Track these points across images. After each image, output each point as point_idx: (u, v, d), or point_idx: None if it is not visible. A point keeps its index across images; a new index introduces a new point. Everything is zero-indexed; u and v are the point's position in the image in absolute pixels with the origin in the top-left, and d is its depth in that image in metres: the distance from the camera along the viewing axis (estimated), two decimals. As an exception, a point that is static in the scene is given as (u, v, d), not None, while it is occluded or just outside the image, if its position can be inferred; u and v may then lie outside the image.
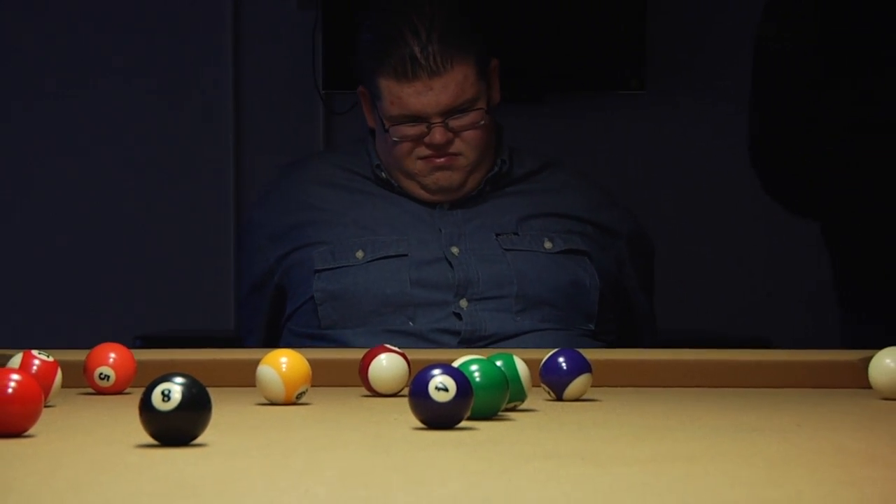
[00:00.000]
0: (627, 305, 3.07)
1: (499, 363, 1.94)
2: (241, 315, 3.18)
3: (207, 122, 4.97)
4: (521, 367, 1.98)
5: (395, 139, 2.96)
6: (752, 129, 3.25)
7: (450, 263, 2.95)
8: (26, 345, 2.20)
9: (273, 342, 3.04)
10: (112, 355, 2.22)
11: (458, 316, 2.92)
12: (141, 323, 4.80)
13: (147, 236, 4.95)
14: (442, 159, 2.96)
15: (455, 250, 2.96)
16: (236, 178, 4.98)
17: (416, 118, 2.94)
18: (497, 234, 2.99)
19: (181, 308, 4.97)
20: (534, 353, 2.20)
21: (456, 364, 1.84)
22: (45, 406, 1.84)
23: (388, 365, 2.18)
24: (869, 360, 2.38)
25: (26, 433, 1.72)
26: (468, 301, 2.93)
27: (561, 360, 2.13)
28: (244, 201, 4.96)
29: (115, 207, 4.94)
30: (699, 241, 4.93)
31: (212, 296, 4.99)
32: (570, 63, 4.87)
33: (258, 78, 4.98)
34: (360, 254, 2.96)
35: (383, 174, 3.02)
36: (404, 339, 2.80)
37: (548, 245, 2.98)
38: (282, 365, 2.06)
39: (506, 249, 2.97)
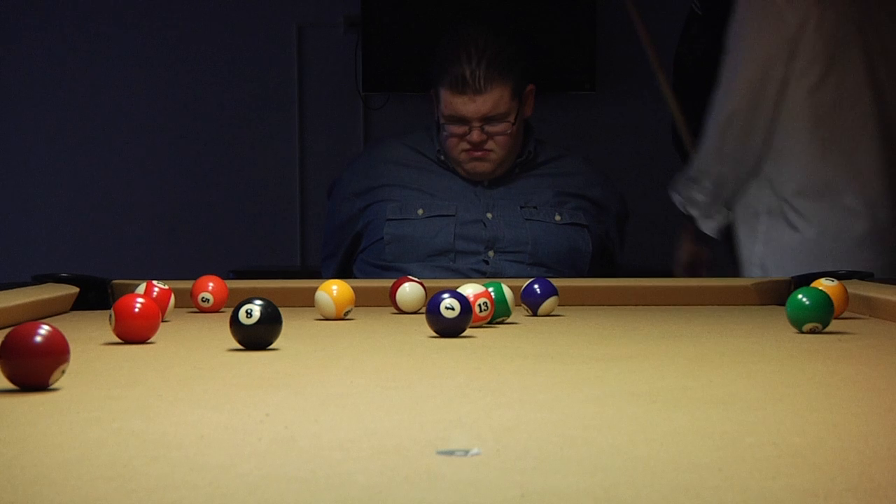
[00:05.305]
0: (608, 260, 3.07)
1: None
2: (325, 245, 3.16)
3: (281, 113, 4.96)
4: (507, 292, 1.98)
5: (445, 133, 2.98)
6: (673, 121, 3.30)
7: (484, 224, 2.96)
8: (149, 276, 2.20)
9: (346, 266, 3.06)
10: (211, 284, 2.22)
11: (486, 262, 2.93)
12: (233, 260, 4.81)
13: (239, 200, 4.96)
14: (478, 153, 2.97)
15: (489, 215, 2.97)
16: (301, 157, 4.98)
17: (461, 120, 2.95)
18: (521, 206, 2.99)
19: (261, 249, 4.98)
20: (516, 282, 2.19)
21: None
22: (162, 321, 1.84)
23: (410, 291, 2.18)
24: (759, 284, 2.37)
25: (149, 341, 1.72)
26: (495, 252, 2.94)
27: (536, 286, 2.13)
28: (307, 174, 4.96)
29: (215, 180, 4.94)
30: (639, 204, 4.91)
31: (283, 242, 5.00)
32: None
33: (316, 82, 4.97)
34: (420, 211, 2.97)
35: (442, 157, 3.03)
36: (447, 274, 2.84)
37: (557, 218, 2.98)
38: (333, 291, 2.05)
39: (526, 219, 2.97)
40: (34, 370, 1.27)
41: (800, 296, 1.81)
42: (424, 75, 3.17)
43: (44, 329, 1.28)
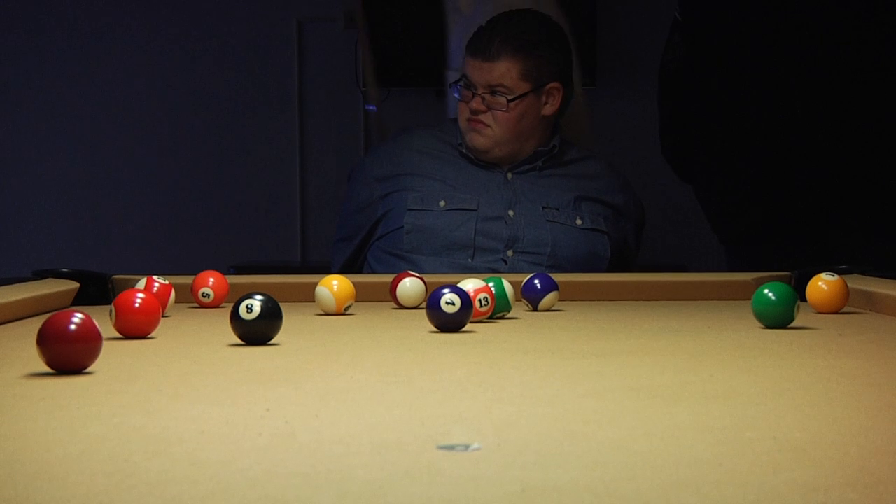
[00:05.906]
0: (624, 267, 3.05)
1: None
2: (341, 227, 3.13)
3: (281, 108, 4.96)
4: (508, 287, 1.97)
5: (455, 95, 3.00)
6: (662, 128, 3.29)
7: (505, 221, 2.94)
8: (149, 272, 2.20)
9: (361, 250, 3.04)
10: (211, 279, 2.22)
11: (504, 261, 2.91)
12: (233, 255, 4.81)
13: (239, 194, 4.96)
14: (476, 124, 2.95)
15: (511, 213, 2.94)
16: (301, 152, 4.98)
17: (469, 84, 2.95)
18: (543, 207, 2.96)
19: (262, 244, 4.98)
20: (516, 277, 2.19)
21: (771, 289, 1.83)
22: (163, 316, 1.84)
23: (410, 286, 2.17)
24: (759, 279, 2.37)
25: (149, 336, 1.72)
26: (514, 252, 2.92)
27: (536, 281, 2.13)
28: (307, 169, 4.96)
29: (215, 175, 4.94)
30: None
31: (283, 237, 5.00)
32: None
33: (316, 77, 4.97)
34: (442, 203, 2.95)
35: (462, 149, 3.01)
36: (463, 271, 2.82)
37: (578, 222, 2.96)
38: (334, 286, 2.05)
39: (547, 220, 2.95)
40: (73, 355, 1.36)
41: (765, 290, 1.82)
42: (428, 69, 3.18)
43: (77, 317, 1.37)
